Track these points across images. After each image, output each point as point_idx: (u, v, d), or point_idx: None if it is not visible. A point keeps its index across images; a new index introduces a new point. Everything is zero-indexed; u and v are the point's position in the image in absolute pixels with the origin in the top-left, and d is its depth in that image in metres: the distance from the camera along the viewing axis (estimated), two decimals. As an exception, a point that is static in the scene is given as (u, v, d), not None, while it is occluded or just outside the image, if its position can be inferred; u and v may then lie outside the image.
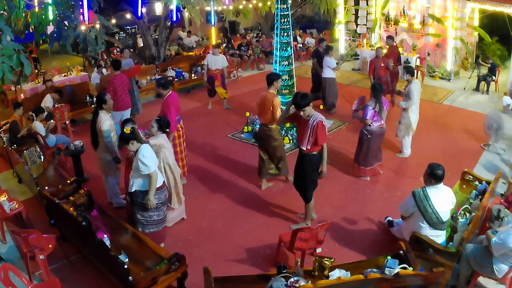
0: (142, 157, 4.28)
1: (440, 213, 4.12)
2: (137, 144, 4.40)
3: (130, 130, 4.39)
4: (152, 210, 4.50)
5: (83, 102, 9.59)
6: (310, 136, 4.71)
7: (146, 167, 4.29)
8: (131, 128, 4.43)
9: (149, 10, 14.00)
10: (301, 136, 4.81)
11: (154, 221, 4.61)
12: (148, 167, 4.29)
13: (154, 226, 4.64)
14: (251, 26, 21.40)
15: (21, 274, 3.86)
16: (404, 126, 6.77)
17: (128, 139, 4.36)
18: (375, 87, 6.09)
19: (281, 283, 3.50)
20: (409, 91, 6.54)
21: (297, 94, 4.78)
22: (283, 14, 7.39)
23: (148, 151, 4.37)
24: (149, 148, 4.42)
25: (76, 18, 5.40)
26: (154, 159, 4.40)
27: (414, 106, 6.64)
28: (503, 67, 11.88)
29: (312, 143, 4.75)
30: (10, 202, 5.30)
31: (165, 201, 4.67)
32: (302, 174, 5.01)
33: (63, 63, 13.46)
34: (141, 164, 4.26)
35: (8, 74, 4.05)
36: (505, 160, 6.94)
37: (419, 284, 3.65)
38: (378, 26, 13.25)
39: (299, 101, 4.66)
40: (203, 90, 11.68)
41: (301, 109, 4.67)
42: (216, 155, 7.44)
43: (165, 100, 5.80)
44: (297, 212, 5.50)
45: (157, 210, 4.56)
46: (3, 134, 7.15)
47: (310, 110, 4.72)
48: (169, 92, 5.85)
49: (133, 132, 4.40)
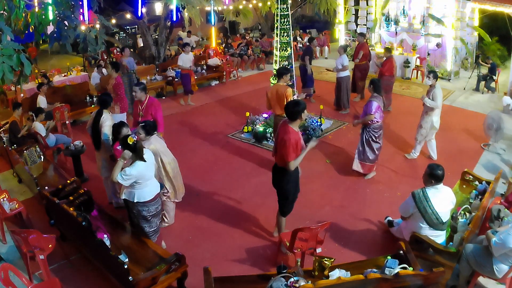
0: (124, 172, 4.16)
1: (440, 214, 4.12)
2: (134, 157, 4.23)
3: (134, 142, 4.19)
4: (142, 221, 4.48)
5: (83, 102, 9.60)
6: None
7: (122, 179, 4.20)
8: (135, 140, 4.22)
9: (149, 10, 14.01)
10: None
11: (152, 230, 4.59)
12: (124, 180, 4.20)
13: (154, 234, 4.65)
14: (251, 26, 21.42)
15: (21, 274, 3.86)
16: (425, 130, 6.64)
17: (128, 148, 4.19)
18: (375, 83, 6.12)
19: (281, 283, 3.50)
20: (434, 95, 6.39)
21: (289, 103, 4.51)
22: (283, 14, 7.40)
23: (135, 170, 4.18)
24: (141, 166, 4.23)
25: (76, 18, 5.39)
26: (135, 177, 4.21)
27: (438, 111, 6.54)
28: (503, 67, 11.88)
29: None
30: (10, 202, 5.30)
31: (155, 213, 4.52)
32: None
33: (63, 63, 13.46)
34: (120, 177, 4.18)
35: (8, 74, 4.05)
36: (505, 160, 6.94)
37: (419, 284, 3.65)
38: (378, 26, 13.26)
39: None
40: (203, 90, 11.73)
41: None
42: (216, 155, 7.44)
43: (149, 102, 5.81)
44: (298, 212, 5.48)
45: (148, 222, 4.50)
46: (3, 134, 7.15)
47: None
48: (148, 96, 5.89)
49: (135, 147, 4.21)
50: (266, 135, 7.73)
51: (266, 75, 11.79)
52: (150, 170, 4.40)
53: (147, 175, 4.34)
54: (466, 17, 11.09)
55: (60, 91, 9.61)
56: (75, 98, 9.63)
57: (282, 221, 4.83)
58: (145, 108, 5.79)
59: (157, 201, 4.52)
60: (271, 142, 7.63)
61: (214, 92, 11.53)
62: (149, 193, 4.39)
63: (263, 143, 7.71)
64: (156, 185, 4.57)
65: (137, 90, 5.78)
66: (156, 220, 4.62)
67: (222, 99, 10.73)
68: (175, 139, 7.84)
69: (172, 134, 7.81)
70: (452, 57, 11.49)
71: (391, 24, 12.76)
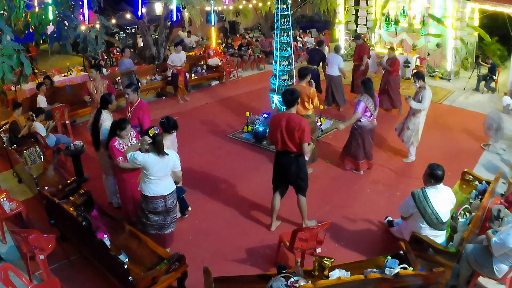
0: (134, 153, 4.30)
1: (439, 214, 4.12)
2: (151, 148, 4.31)
3: (154, 134, 4.26)
4: (139, 211, 4.54)
5: (83, 102, 9.56)
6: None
7: (128, 157, 4.39)
8: (155, 133, 4.27)
9: (149, 10, 13.99)
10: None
11: (149, 224, 4.51)
12: (129, 160, 4.38)
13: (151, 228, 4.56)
14: (251, 26, 21.42)
15: (21, 274, 3.86)
16: (412, 131, 6.65)
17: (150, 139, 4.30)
18: (366, 83, 6.20)
19: (281, 283, 3.50)
20: (422, 97, 6.37)
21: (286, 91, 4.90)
22: (283, 14, 7.38)
23: (142, 157, 4.27)
24: (150, 157, 4.28)
25: (76, 18, 5.39)
26: (140, 162, 4.28)
27: (424, 112, 6.55)
28: (503, 67, 11.88)
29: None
30: (10, 202, 5.30)
31: (153, 211, 4.42)
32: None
33: (63, 63, 13.46)
34: (129, 155, 4.35)
35: (8, 74, 4.06)
36: (505, 160, 6.94)
37: (419, 284, 3.65)
38: (378, 26, 13.26)
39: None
40: (202, 90, 11.73)
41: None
42: (216, 155, 7.44)
43: (139, 105, 5.66)
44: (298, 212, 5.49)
45: (144, 215, 4.48)
46: (3, 134, 7.15)
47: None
48: (139, 99, 5.76)
49: (154, 139, 4.28)
50: (266, 135, 7.72)
51: (266, 75, 11.77)
52: (160, 167, 4.30)
53: (154, 170, 4.27)
54: (466, 17, 11.08)
55: (60, 91, 9.61)
56: (75, 98, 9.62)
57: (305, 203, 5.06)
58: (134, 110, 5.61)
59: (158, 202, 4.38)
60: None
61: (214, 92, 11.54)
62: (151, 190, 4.33)
63: (263, 143, 7.71)
64: (163, 186, 4.39)
65: (130, 92, 5.58)
66: (153, 216, 4.46)
67: (222, 99, 10.73)
68: (175, 139, 7.83)
69: (172, 134, 7.80)
70: (452, 57, 11.50)
71: (391, 24, 12.76)
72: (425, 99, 6.38)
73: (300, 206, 5.07)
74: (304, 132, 4.62)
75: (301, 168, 4.88)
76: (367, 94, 6.13)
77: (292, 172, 4.86)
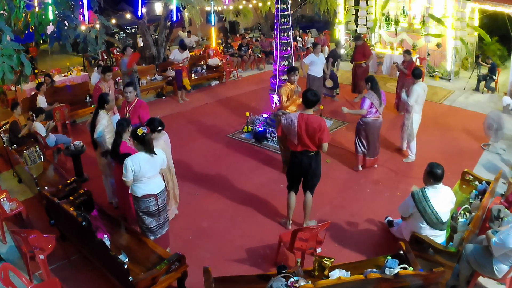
0: (125, 164, 4.21)
1: (439, 214, 4.12)
2: (141, 148, 4.31)
3: (142, 133, 4.25)
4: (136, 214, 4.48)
5: (83, 102, 9.59)
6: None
7: (125, 171, 4.24)
8: (144, 132, 4.26)
9: (149, 10, 14.01)
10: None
11: (144, 227, 4.49)
12: (125, 175, 4.24)
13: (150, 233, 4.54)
14: (251, 26, 21.42)
15: (21, 274, 3.86)
16: (406, 127, 6.74)
17: (137, 139, 4.28)
18: (372, 79, 6.27)
19: (281, 283, 3.50)
20: (411, 91, 6.50)
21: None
22: (283, 14, 7.39)
23: (130, 160, 4.22)
24: (140, 157, 4.26)
25: (76, 18, 5.38)
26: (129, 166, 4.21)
27: (418, 108, 6.59)
28: (503, 67, 11.88)
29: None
30: (10, 202, 5.30)
31: (146, 211, 4.39)
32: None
33: (63, 63, 13.46)
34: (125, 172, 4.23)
35: (8, 74, 4.05)
36: (505, 160, 6.94)
37: (419, 284, 3.65)
38: (378, 26, 13.26)
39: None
40: (202, 90, 11.73)
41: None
42: (216, 155, 7.44)
43: (138, 104, 5.69)
44: (298, 212, 5.49)
45: (138, 216, 4.45)
46: (3, 134, 7.14)
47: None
48: (136, 98, 5.80)
49: (143, 138, 4.27)
50: (266, 135, 7.73)
51: (266, 75, 11.79)
52: (150, 167, 4.30)
53: (144, 169, 4.26)
54: (466, 17, 11.08)
55: (60, 91, 9.61)
56: (75, 98, 9.63)
57: (311, 202, 5.11)
58: (133, 109, 5.66)
59: (149, 200, 4.35)
60: (271, 142, 7.63)
61: (214, 92, 11.54)
62: (141, 190, 4.32)
63: (263, 143, 7.71)
64: (153, 185, 4.40)
65: (131, 91, 5.65)
66: (147, 218, 4.43)
67: (222, 99, 10.73)
68: (175, 139, 7.81)
69: (172, 134, 7.76)
70: (452, 57, 11.49)
71: (391, 24, 12.76)
72: (412, 94, 6.47)
73: (306, 204, 5.09)
74: (324, 132, 4.68)
75: (318, 165, 4.96)
76: (372, 91, 6.21)
77: (312, 169, 4.91)
